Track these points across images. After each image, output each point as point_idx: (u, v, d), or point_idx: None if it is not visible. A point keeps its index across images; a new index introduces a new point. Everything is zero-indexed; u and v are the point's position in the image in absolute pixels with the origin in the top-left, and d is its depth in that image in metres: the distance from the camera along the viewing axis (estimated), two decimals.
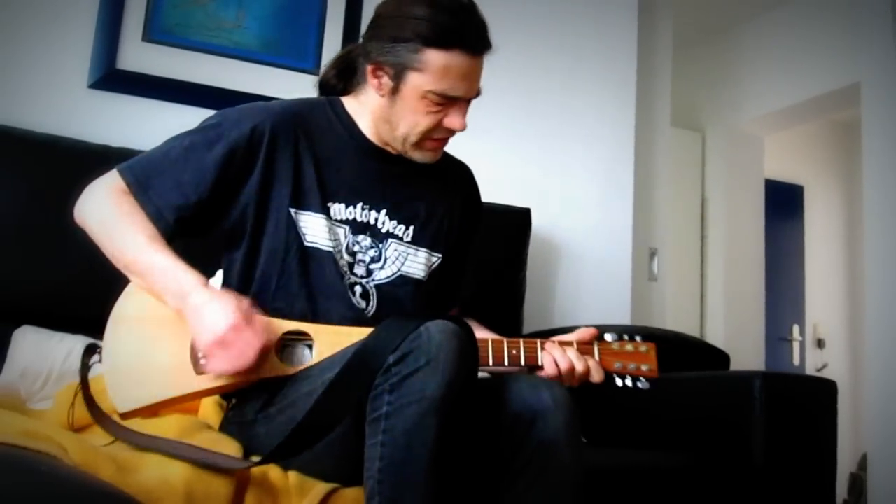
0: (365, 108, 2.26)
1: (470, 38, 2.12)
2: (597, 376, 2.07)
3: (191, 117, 2.39)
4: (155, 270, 2.02)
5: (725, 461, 2.75)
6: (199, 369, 2.02)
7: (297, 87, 3.40)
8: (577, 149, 4.20)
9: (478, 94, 2.20)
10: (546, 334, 3.46)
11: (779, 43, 6.36)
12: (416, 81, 2.10)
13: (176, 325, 2.02)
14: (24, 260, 2.82)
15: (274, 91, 3.32)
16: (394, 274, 2.26)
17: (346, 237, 2.21)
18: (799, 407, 2.81)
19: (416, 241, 2.31)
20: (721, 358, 3.46)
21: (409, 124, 2.17)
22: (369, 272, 2.23)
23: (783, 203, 7.54)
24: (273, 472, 1.94)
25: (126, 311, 2.09)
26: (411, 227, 2.30)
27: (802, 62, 6.15)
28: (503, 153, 3.96)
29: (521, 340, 2.11)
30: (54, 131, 3.01)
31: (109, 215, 2.08)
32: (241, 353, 1.93)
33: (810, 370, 7.50)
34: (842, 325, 7.88)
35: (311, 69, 3.53)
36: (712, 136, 6.81)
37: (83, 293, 2.70)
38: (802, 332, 7.59)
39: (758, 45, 6.54)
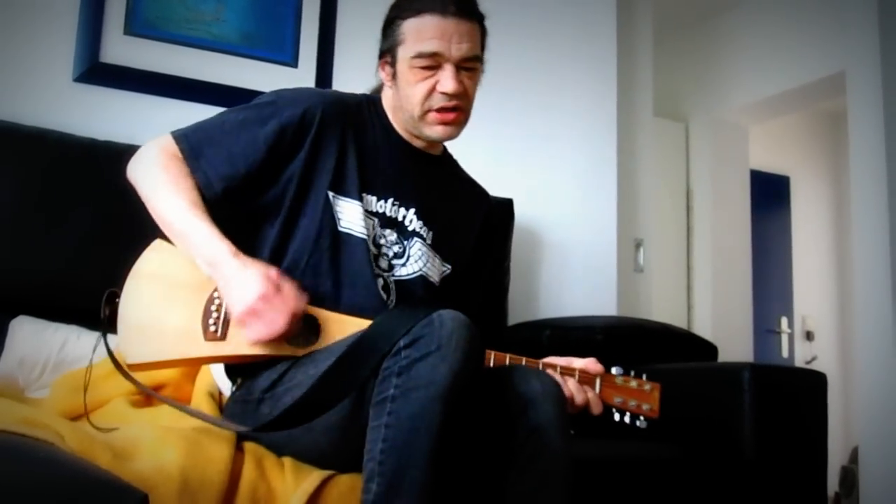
0: (388, 105, 2.40)
1: (439, 1, 2.23)
2: (596, 409, 2.10)
3: (173, 110, 2.41)
4: (192, 235, 2.09)
5: (715, 453, 2.77)
6: (208, 334, 2.09)
7: (276, 79, 3.45)
8: (558, 139, 4.22)
9: (470, 59, 2.30)
10: (532, 326, 3.47)
11: (762, 31, 6.37)
12: (402, 55, 2.24)
13: (191, 289, 2.13)
14: (19, 251, 2.84)
15: (253, 83, 3.38)
16: (415, 273, 2.33)
17: (374, 229, 2.28)
18: (789, 399, 2.82)
19: (434, 246, 2.38)
20: (709, 350, 3.48)
21: (409, 98, 2.26)
22: (391, 267, 2.30)
23: (769, 194, 7.57)
24: (268, 458, 2.00)
25: (147, 267, 2.17)
26: (432, 232, 2.38)
27: (786, 50, 6.17)
28: (483, 144, 3.95)
29: (524, 360, 2.13)
30: (41, 124, 3.02)
31: (158, 177, 2.15)
32: (273, 321, 1.99)
33: (799, 363, 7.54)
34: (831, 317, 7.92)
35: (289, 61, 3.60)
36: (696, 125, 6.82)
37: (77, 284, 2.78)
38: (791, 325, 7.62)
39: (741, 33, 6.56)
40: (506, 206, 3.68)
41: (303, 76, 3.58)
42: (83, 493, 1.42)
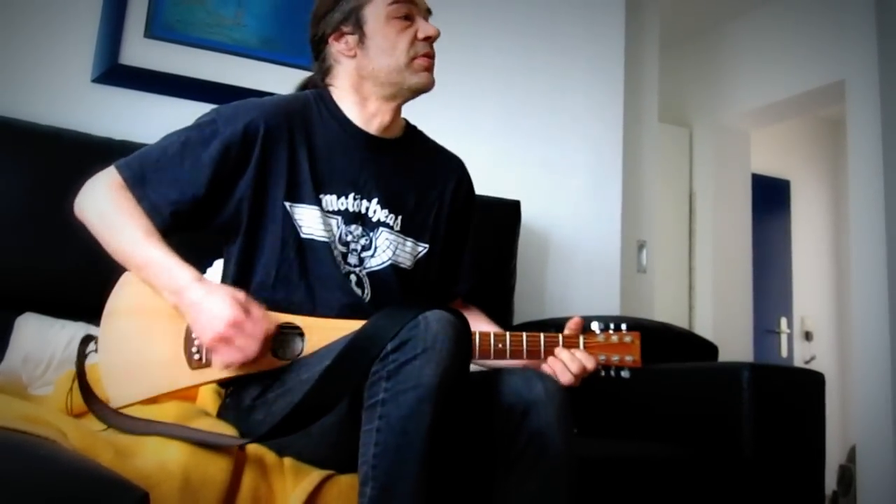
0: (345, 85, 2.35)
1: None
2: (590, 365, 2.09)
3: (190, 112, 2.42)
4: (151, 266, 2.06)
5: (714, 452, 2.75)
6: (193, 363, 2.08)
7: (295, 82, 3.42)
8: (566, 143, 4.24)
9: (428, 10, 2.34)
10: (537, 325, 3.51)
11: (765, 40, 6.39)
12: (374, 12, 2.26)
13: (168, 318, 2.07)
14: (27, 248, 2.85)
15: (272, 87, 3.30)
16: (384, 263, 2.29)
17: (338, 227, 2.25)
18: (787, 398, 2.81)
19: (404, 231, 2.35)
20: (709, 349, 3.46)
21: (389, 51, 2.27)
22: (361, 261, 2.27)
23: (770, 197, 7.56)
24: (269, 458, 1.98)
25: (120, 303, 2.15)
26: (399, 217, 2.34)
27: (788, 59, 6.18)
28: (492, 146, 4.00)
29: (508, 334, 2.13)
30: (59, 124, 3.03)
31: (108, 210, 2.12)
32: (245, 345, 1.98)
33: (798, 363, 7.51)
34: (829, 318, 7.90)
35: (308, 66, 3.50)
36: (699, 131, 6.83)
37: (84, 281, 2.70)
38: (790, 325, 7.61)
39: (744, 42, 6.57)
40: (513, 206, 3.71)
41: None
42: (84, 491, 1.43)
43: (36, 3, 3.28)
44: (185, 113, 2.47)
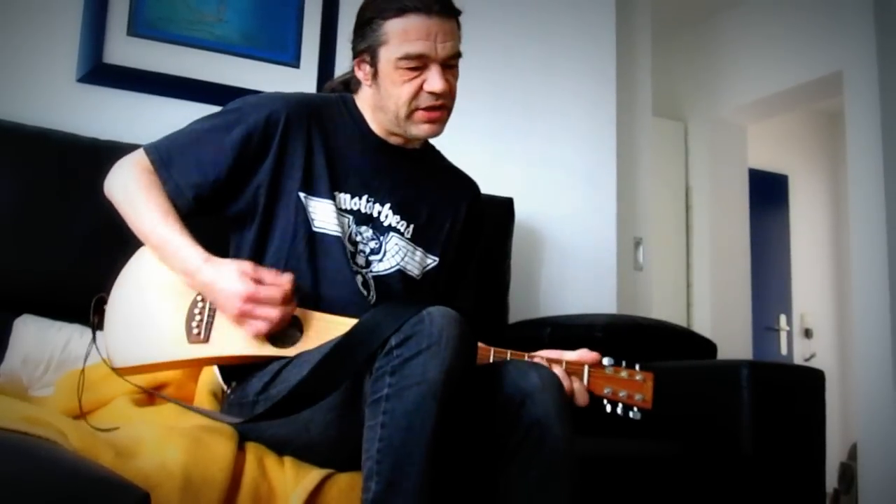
0: (365, 104, 2.39)
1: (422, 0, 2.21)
2: (581, 400, 2.08)
3: (176, 110, 2.42)
4: (166, 246, 2.15)
5: (714, 450, 2.75)
6: (192, 337, 2.12)
7: (277, 79, 3.46)
8: (558, 139, 4.22)
9: (454, 56, 2.27)
10: (536, 324, 3.49)
11: (760, 31, 6.37)
12: (385, 55, 2.22)
13: (175, 294, 2.16)
14: (23, 250, 2.85)
15: (255, 84, 3.39)
16: (392, 267, 2.33)
17: (349, 226, 2.29)
18: (787, 396, 2.81)
19: (414, 240, 2.38)
20: (708, 347, 3.46)
21: (394, 99, 2.25)
22: (368, 263, 2.30)
23: (768, 192, 7.57)
24: (269, 457, 2.01)
25: (133, 274, 2.23)
26: (412, 226, 2.38)
27: (784, 50, 6.16)
28: (484, 143, 3.98)
29: (509, 352, 2.13)
30: (45, 124, 3.02)
31: (132, 190, 2.20)
32: (266, 314, 2.04)
33: (798, 360, 7.53)
34: (829, 314, 7.92)
35: (291, 62, 3.60)
36: (695, 125, 6.83)
37: (80, 283, 2.71)
38: (790, 322, 7.62)
39: (739, 34, 6.55)
40: (506, 204, 3.68)
41: (304, 76, 3.58)
42: (85, 492, 1.43)
43: (17, 3, 3.26)
44: (171, 111, 2.46)
